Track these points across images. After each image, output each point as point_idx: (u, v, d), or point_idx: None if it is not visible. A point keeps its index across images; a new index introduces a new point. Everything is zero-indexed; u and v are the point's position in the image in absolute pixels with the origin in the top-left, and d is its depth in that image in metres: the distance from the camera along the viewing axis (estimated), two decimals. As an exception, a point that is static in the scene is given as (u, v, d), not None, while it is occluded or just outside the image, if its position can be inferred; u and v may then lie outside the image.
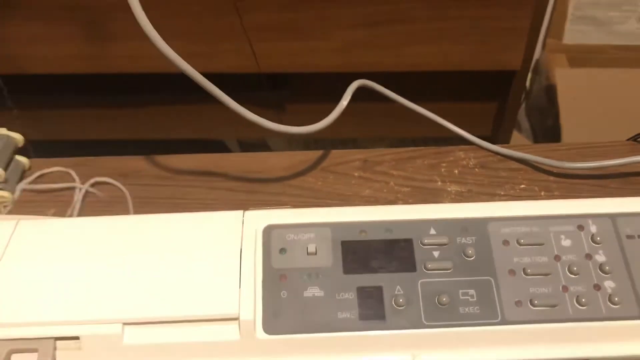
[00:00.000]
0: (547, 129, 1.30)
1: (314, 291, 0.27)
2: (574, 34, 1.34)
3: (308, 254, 0.28)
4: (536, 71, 1.38)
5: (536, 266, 0.27)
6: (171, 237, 0.28)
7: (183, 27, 0.70)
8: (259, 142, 1.02)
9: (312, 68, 0.74)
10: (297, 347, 0.26)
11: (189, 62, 0.36)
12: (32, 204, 0.40)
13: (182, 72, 0.35)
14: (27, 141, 0.43)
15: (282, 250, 0.28)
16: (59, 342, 0.26)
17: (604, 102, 1.21)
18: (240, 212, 0.29)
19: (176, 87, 0.83)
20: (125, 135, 0.88)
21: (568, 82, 1.27)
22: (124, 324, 0.26)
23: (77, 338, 0.25)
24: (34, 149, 0.45)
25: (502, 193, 0.41)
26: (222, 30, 0.70)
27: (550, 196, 0.41)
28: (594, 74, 1.28)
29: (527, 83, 1.38)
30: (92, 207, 0.40)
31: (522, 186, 0.41)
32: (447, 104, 0.93)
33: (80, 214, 0.40)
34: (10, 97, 0.69)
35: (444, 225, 0.28)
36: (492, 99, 0.94)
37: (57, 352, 0.26)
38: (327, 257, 0.27)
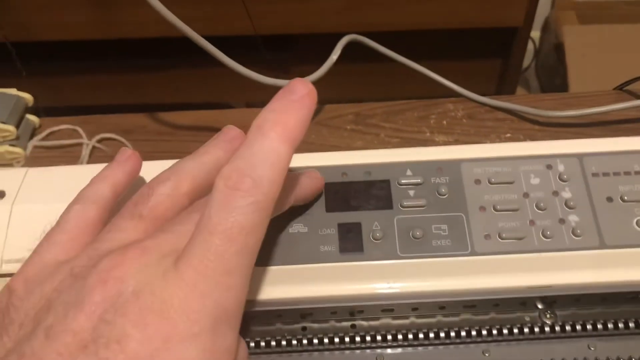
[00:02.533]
0: (556, 89, 1.29)
1: (298, 227, 0.29)
2: (584, -10, 1.31)
3: (293, 194, 0.30)
4: (546, 30, 1.37)
5: (505, 203, 0.29)
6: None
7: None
8: (265, 104, 1.04)
9: (311, 29, 0.75)
10: (283, 278, 0.28)
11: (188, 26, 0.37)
12: (43, 160, 0.43)
13: (186, 37, 0.37)
14: (40, 110, 0.45)
15: (270, 192, 0.30)
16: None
17: (613, 59, 1.19)
18: (231, 157, 0.31)
19: (182, 51, 0.85)
20: (131, 100, 0.90)
21: (576, 39, 1.25)
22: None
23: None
24: (45, 114, 0.47)
25: (487, 142, 0.43)
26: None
27: (535, 144, 0.42)
28: (604, 31, 1.26)
29: (537, 42, 1.37)
30: (99, 161, 0.43)
31: (508, 135, 0.43)
32: (451, 62, 0.93)
33: (88, 168, 0.43)
34: (20, 63, 0.72)
35: (419, 166, 0.30)
36: (496, 57, 0.94)
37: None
38: (311, 197, 0.30)
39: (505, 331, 0.28)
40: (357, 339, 0.28)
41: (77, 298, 0.20)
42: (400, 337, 0.28)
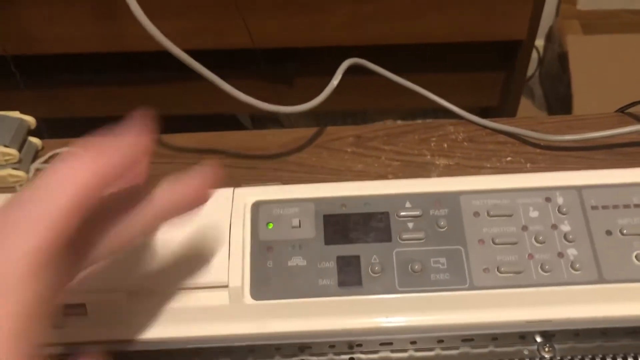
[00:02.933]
0: (560, 97, 1.29)
1: (297, 261, 0.29)
2: (588, -1, 1.31)
3: (292, 227, 0.30)
4: (550, 38, 1.37)
5: (504, 236, 0.29)
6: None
7: (179, 7, 0.71)
8: (270, 116, 1.04)
9: (312, 42, 0.75)
10: (282, 311, 0.28)
11: (185, 41, 0.37)
12: (46, 183, 0.43)
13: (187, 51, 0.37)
14: (40, 121, 0.45)
15: (269, 224, 0.30)
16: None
17: (617, 68, 1.19)
18: (230, 189, 0.31)
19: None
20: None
21: (580, 48, 1.25)
22: (127, 292, 0.29)
23: (83, 305, 0.28)
24: (45, 126, 0.47)
25: (488, 166, 0.43)
26: (216, 7, 0.71)
27: (536, 168, 0.42)
28: (608, 40, 1.26)
29: (541, 51, 1.36)
30: (101, 184, 0.43)
31: (509, 159, 0.43)
32: (454, 75, 0.93)
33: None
34: (22, 79, 0.72)
35: (418, 198, 0.30)
36: (500, 69, 0.94)
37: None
38: (310, 230, 0.30)
39: (503, 365, 0.28)
40: (356, 372, 0.29)
41: None
42: (398, 370, 0.29)
